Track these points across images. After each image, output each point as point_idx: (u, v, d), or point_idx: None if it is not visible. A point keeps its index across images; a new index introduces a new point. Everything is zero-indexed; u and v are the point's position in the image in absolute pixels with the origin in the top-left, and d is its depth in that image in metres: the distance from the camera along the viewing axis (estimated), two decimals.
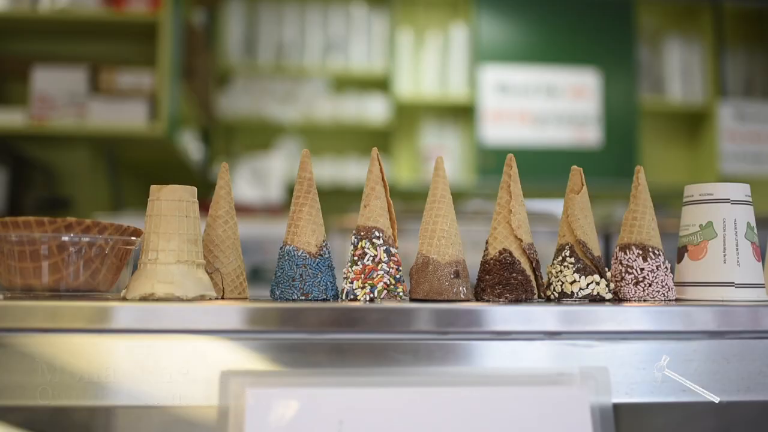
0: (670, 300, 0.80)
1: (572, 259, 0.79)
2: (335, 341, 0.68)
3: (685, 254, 0.85)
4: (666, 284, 0.81)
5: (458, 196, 3.64)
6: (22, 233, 0.74)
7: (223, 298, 0.81)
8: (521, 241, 0.78)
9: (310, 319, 0.68)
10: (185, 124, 3.03)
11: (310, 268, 0.76)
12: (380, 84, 3.72)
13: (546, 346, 0.70)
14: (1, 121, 2.56)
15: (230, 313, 0.67)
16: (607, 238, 2.75)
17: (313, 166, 1.60)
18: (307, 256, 0.77)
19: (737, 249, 0.82)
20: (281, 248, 0.79)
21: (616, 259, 0.83)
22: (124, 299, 0.71)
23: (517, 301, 0.76)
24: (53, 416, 0.65)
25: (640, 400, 0.70)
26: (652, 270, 0.80)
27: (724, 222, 0.83)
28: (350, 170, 3.64)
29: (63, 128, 2.58)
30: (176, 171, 3.36)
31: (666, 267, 0.81)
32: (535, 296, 0.79)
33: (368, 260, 0.75)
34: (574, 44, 3.70)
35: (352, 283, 0.75)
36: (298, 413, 0.62)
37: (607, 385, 0.68)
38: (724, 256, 0.82)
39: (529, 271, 0.78)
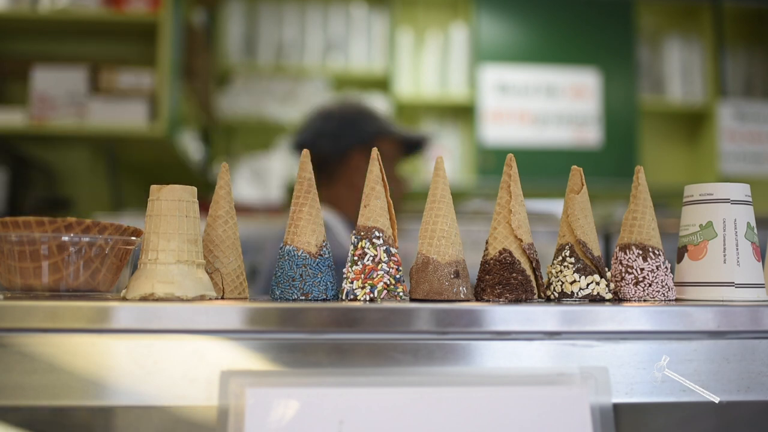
0: (670, 300, 0.80)
1: (572, 259, 0.79)
2: (335, 341, 0.68)
3: (685, 254, 0.85)
4: (666, 284, 0.81)
5: (458, 196, 3.63)
6: (22, 233, 0.74)
7: (223, 298, 0.81)
8: (521, 241, 0.78)
9: (310, 319, 0.68)
10: (185, 124, 3.03)
11: (310, 268, 0.76)
12: (380, 84, 3.72)
13: (546, 346, 0.70)
14: (1, 121, 2.56)
15: (230, 313, 0.67)
16: (607, 238, 2.75)
17: None
18: (307, 256, 0.77)
19: (737, 249, 0.82)
20: (281, 248, 0.79)
21: (616, 259, 0.83)
22: (124, 299, 0.71)
23: (517, 301, 0.76)
24: (53, 416, 0.65)
25: (640, 400, 0.70)
26: (652, 270, 0.80)
27: (724, 222, 0.83)
28: None
29: (63, 128, 2.58)
30: (176, 171, 3.36)
31: (666, 267, 0.81)
32: (535, 296, 0.78)
33: (368, 260, 0.75)
34: (574, 44, 3.70)
35: (352, 283, 0.75)
36: (298, 413, 0.62)
37: (607, 385, 0.68)
38: (724, 256, 0.82)
39: (529, 271, 0.78)
